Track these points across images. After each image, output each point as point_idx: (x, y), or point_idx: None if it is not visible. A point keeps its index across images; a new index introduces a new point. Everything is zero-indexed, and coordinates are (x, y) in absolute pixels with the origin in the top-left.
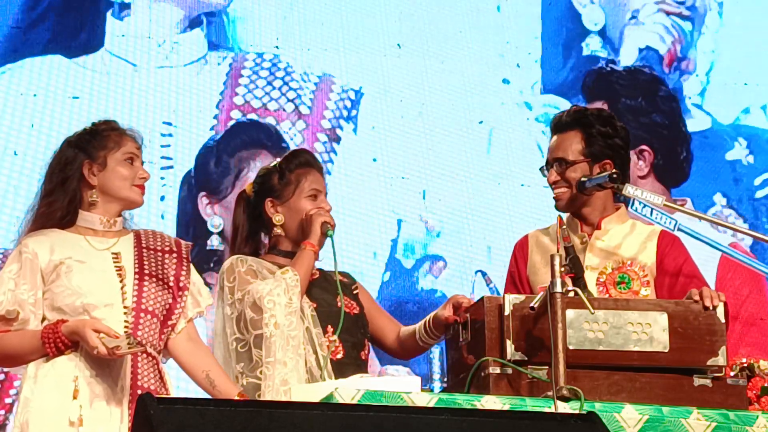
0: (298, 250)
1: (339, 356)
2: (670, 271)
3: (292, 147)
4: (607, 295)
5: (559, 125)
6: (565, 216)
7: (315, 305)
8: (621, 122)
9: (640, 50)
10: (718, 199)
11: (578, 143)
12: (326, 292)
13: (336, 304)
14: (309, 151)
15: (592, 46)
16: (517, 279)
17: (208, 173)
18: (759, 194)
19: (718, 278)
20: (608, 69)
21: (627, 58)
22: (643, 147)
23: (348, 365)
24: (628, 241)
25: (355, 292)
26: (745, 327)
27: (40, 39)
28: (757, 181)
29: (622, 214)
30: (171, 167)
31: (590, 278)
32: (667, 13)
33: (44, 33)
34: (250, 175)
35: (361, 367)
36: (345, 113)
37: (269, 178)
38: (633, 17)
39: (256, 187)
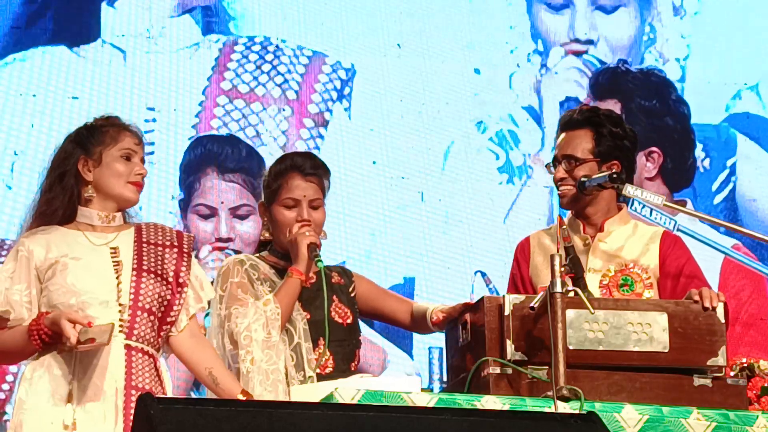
0: (289, 253)
1: (328, 370)
2: (672, 273)
3: (278, 134)
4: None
5: (570, 123)
6: (566, 216)
7: (308, 316)
8: (629, 125)
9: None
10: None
11: (588, 142)
12: (321, 297)
13: (330, 313)
14: (297, 154)
15: None
16: (519, 281)
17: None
18: (717, 199)
19: (721, 280)
20: (623, 69)
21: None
22: (653, 149)
23: (336, 379)
24: (630, 243)
25: (352, 294)
26: (744, 328)
27: (37, 32)
28: (714, 186)
29: (624, 215)
30: (152, 152)
31: (593, 280)
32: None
33: (42, 25)
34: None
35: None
36: (334, 95)
37: (264, 184)
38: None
39: None
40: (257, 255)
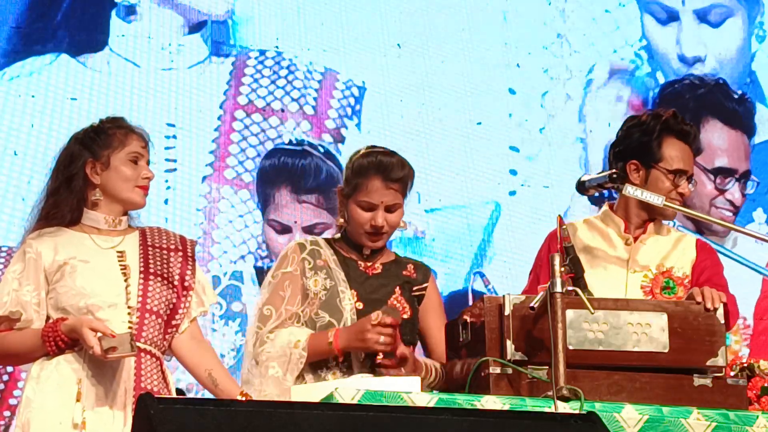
0: (357, 243)
1: (379, 357)
2: (699, 281)
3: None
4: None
5: (689, 136)
6: (566, 217)
7: (362, 306)
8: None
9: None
10: (758, 215)
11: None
12: (383, 288)
13: (387, 303)
14: (384, 153)
15: None
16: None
17: None
18: None
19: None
20: (720, 81)
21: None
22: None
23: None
24: (669, 247)
25: (416, 294)
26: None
27: (43, 38)
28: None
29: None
30: (174, 170)
31: (634, 281)
32: None
33: (47, 32)
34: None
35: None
36: (349, 111)
37: (345, 172)
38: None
39: None
40: (327, 238)
